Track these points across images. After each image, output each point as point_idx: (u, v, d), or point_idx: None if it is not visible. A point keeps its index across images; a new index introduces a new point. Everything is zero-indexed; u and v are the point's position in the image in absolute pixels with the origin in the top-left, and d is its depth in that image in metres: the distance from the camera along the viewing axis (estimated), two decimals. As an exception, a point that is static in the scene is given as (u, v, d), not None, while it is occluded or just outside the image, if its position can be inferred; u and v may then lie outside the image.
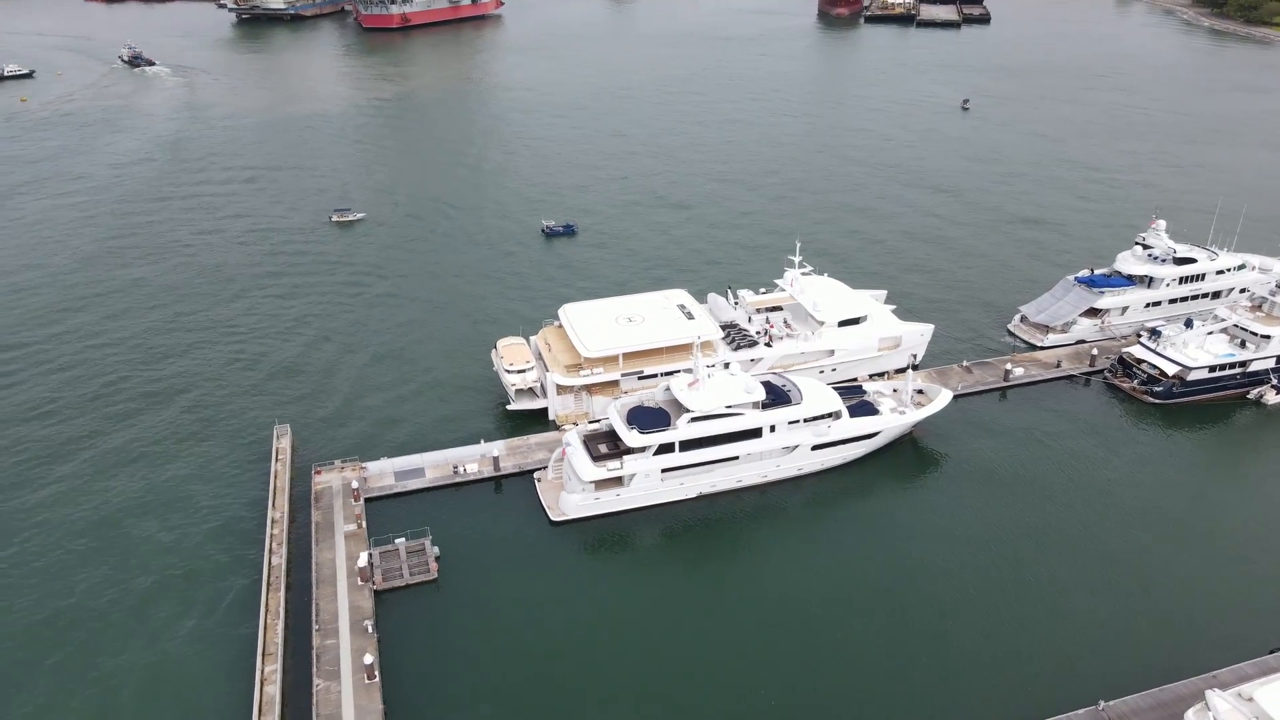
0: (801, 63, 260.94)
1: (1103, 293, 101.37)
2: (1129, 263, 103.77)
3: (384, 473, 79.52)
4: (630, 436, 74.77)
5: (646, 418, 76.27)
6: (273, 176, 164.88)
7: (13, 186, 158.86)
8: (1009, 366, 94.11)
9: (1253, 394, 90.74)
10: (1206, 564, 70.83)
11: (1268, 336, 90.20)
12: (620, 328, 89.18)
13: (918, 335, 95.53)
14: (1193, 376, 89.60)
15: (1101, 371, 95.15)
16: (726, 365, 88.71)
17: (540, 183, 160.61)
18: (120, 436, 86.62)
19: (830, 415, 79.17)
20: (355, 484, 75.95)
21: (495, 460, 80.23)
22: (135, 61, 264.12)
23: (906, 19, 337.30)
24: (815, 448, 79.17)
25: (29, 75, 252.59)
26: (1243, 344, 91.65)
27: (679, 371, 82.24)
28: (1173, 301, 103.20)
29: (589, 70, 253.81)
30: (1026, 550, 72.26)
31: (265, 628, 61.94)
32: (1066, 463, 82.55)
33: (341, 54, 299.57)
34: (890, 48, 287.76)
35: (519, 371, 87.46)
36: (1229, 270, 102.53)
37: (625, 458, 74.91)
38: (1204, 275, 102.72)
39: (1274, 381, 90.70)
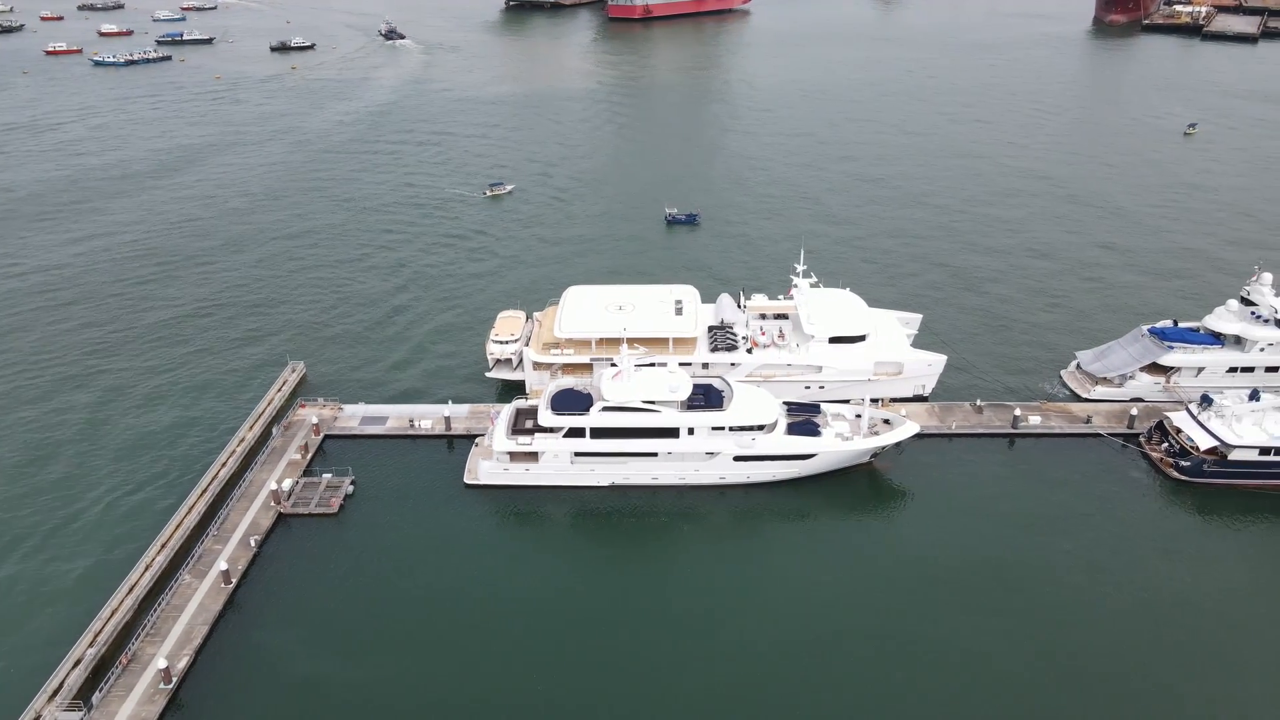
0: (1043, 76, 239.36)
1: (1173, 348, 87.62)
2: (1220, 319, 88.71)
3: (354, 416, 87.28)
4: (545, 416, 76.80)
5: (568, 400, 77.81)
6: (455, 147, 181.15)
7: (242, 138, 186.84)
8: (1018, 413, 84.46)
9: (1314, 490, 75.18)
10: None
11: (1349, 425, 74.25)
12: (606, 314, 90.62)
13: (924, 365, 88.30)
14: (1236, 456, 75.68)
15: (1138, 435, 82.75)
16: (706, 365, 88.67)
17: (700, 174, 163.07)
18: (192, 345, 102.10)
19: (757, 427, 76.18)
20: (315, 420, 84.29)
21: (447, 420, 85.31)
22: (390, 35, 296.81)
23: (1192, 30, 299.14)
24: (739, 459, 76.53)
25: (310, 47, 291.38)
26: (1314, 429, 76.08)
27: (654, 363, 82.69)
28: (1271, 370, 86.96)
29: (814, 71, 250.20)
30: (931, 613, 65.30)
31: (176, 524, 71.26)
32: (1036, 528, 73.03)
33: (580, 41, 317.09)
34: (1160, 63, 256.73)
35: (501, 343, 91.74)
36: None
37: (537, 435, 77.06)
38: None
39: (1345, 480, 74.53)
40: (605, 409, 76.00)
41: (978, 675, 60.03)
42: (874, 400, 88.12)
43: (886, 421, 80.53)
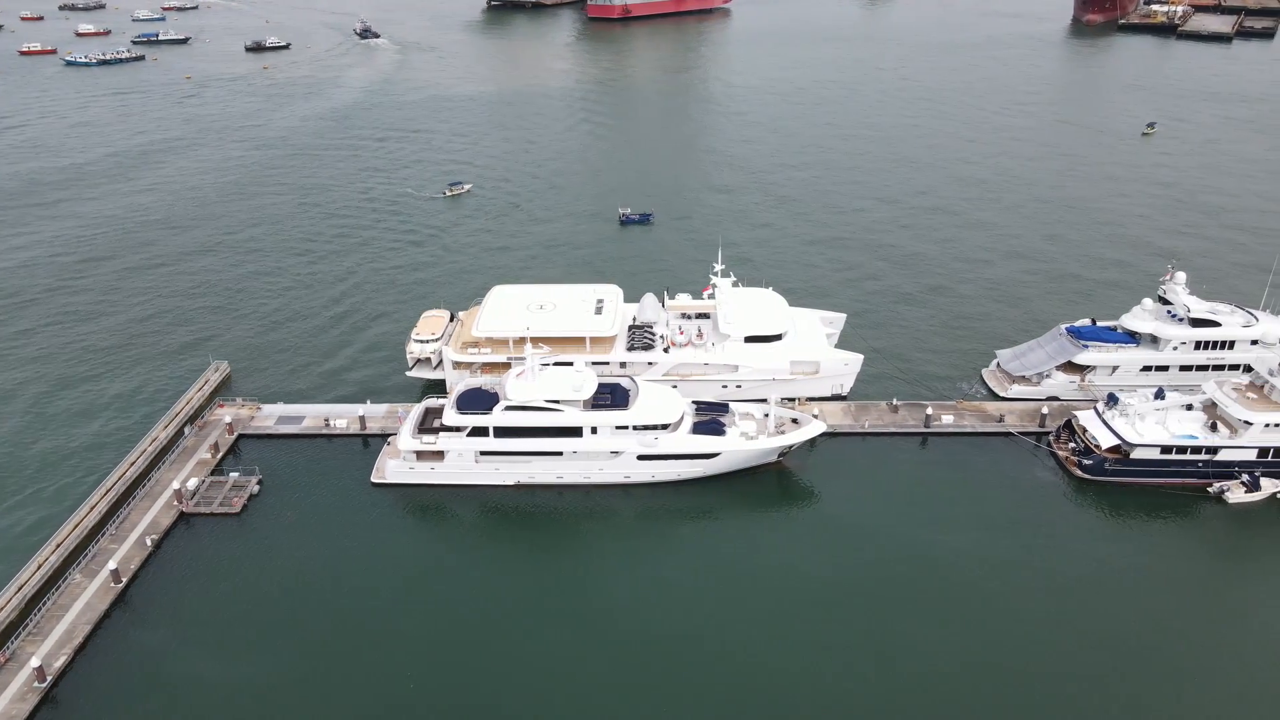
0: (1012, 76, 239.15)
1: (1087, 347, 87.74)
2: (1136, 318, 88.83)
3: (271, 415, 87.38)
4: (449, 415, 76.95)
5: (474, 400, 77.95)
6: (419, 147, 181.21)
7: (201, 138, 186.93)
8: (930, 411, 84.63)
9: (1214, 488, 75.11)
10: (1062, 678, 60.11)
11: (1248, 423, 74.29)
12: (526, 314, 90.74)
13: (840, 364, 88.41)
14: (1138, 455, 75.80)
15: (1048, 434, 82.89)
16: (624, 364, 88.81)
17: (664, 174, 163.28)
18: (120, 345, 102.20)
19: (660, 426, 76.32)
20: (229, 419, 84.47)
21: (362, 420, 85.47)
22: (365, 35, 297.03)
23: (1167, 29, 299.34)
24: (643, 458, 76.67)
25: (285, 47, 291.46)
26: (1214, 427, 76.20)
27: (560, 363, 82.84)
28: (1185, 369, 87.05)
29: (791, 70, 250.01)
30: (824, 607, 65.48)
31: (75, 524, 71.34)
32: (939, 525, 72.94)
33: (558, 42, 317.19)
34: (1129, 62, 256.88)
35: (421, 342, 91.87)
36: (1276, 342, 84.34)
37: (441, 434, 77.23)
38: (1231, 343, 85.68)
39: (1244, 478, 74.51)
40: (508, 408, 76.15)
41: (880, 670, 60.19)
42: (790, 399, 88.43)
43: (795, 421, 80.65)
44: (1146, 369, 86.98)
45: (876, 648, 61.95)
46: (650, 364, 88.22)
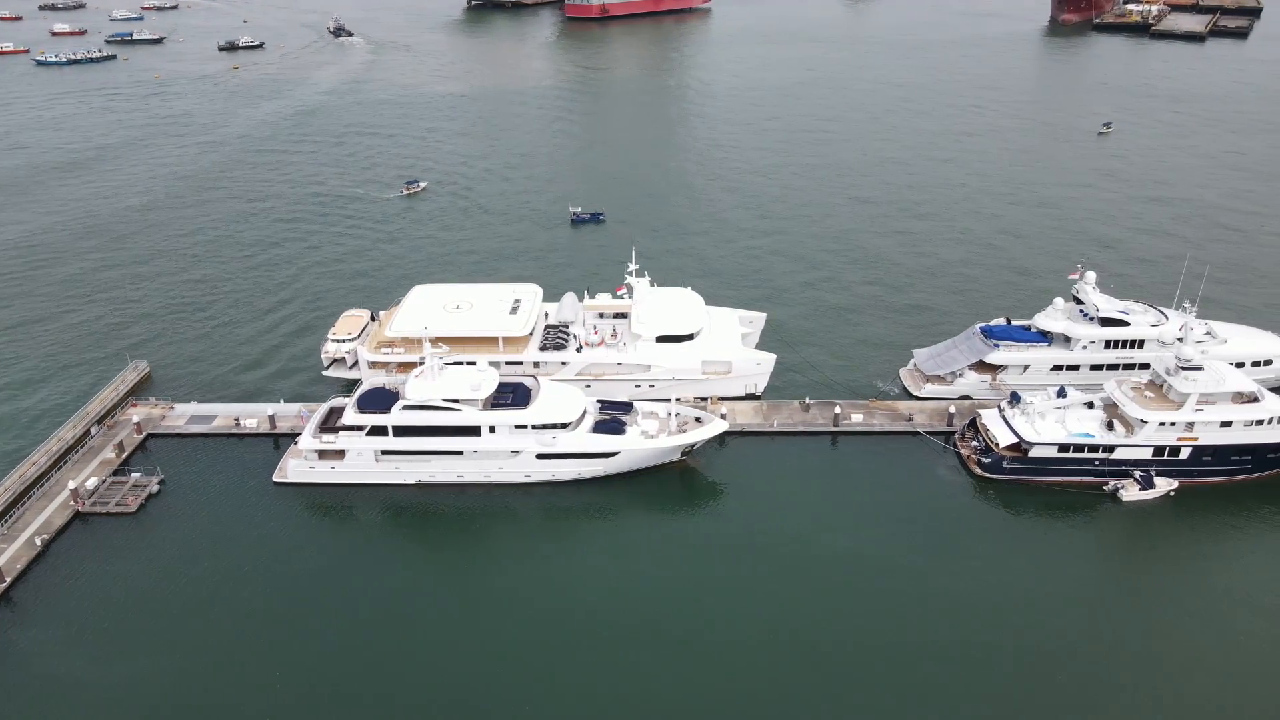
0: (981, 75, 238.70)
1: (998, 346, 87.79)
2: (1048, 317, 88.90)
3: (183, 415, 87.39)
4: (349, 414, 77.05)
5: (375, 399, 78.00)
6: (380, 146, 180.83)
7: (159, 137, 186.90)
8: (838, 410, 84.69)
9: (1109, 486, 75.15)
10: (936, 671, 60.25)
11: (1143, 422, 74.35)
12: (442, 314, 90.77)
13: (753, 364, 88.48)
14: (1036, 453, 75.88)
15: (954, 433, 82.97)
16: (537, 364, 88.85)
17: (622, 172, 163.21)
18: (42, 343, 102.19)
19: (559, 426, 76.37)
20: (137, 419, 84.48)
21: (272, 419, 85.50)
22: (338, 33, 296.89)
23: (1140, 28, 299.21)
24: (542, 456, 76.74)
25: (259, 46, 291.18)
26: (1112, 425, 76.29)
27: (462, 362, 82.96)
28: (1096, 368, 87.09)
29: (768, 71, 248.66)
30: (711, 604, 65.61)
31: (-30, 523, 71.49)
32: (834, 524, 72.90)
33: (535, 41, 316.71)
34: (1099, 62, 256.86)
35: (338, 341, 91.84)
36: (1189, 341, 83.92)
37: (341, 433, 77.29)
38: (1140, 342, 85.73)
39: (1137, 475, 74.55)
40: (406, 407, 76.21)
41: (777, 666, 60.40)
42: (703, 399, 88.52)
43: (699, 420, 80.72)
44: (1057, 368, 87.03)
45: (763, 645, 61.95)
46: (563, 364, 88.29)
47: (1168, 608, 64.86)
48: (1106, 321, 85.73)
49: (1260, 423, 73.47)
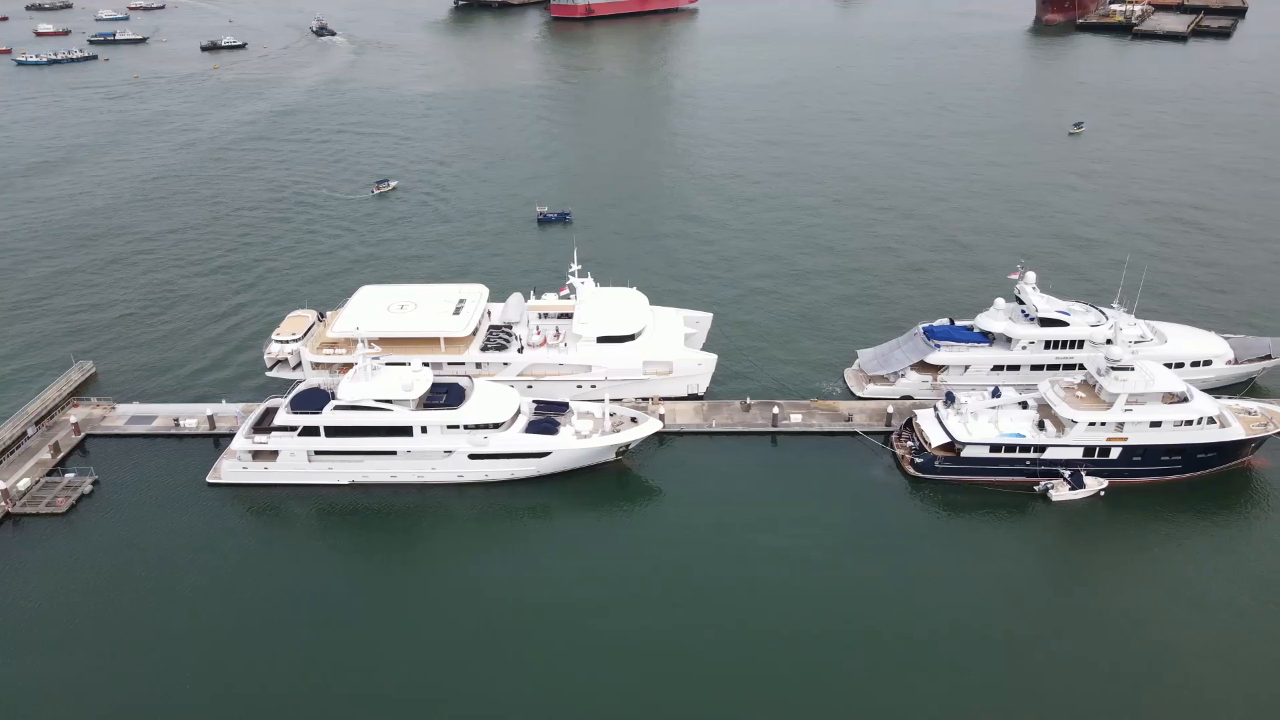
0: (960, 75, 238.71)
1: (939, 347, 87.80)
2: (989, 317, 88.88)
3: (123, 415, 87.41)
4: (281, 414, 77.08)
5: (309, 400, 78.01)
6: (354, 146, 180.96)
7: (131, 138, 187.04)
8: (776, 411, 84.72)
9: (1039, 486, 75.18)
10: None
11: (1074, 422, 74.38)
12: (385, 314, 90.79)
13: (694, 364, 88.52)
14: (968, 453, 75.92)
15: (891, 433, 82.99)
16: (480, 365, 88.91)
17: (595, 172, 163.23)
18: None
19: (491, 426, 76.40)
20: (75, 420, 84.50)
21: (211, 419, 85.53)
22: (321, 32, 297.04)
23: (1123, 28, 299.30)
24: (474, 456, 76.77)
25: (241, 46, 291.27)
26: (1042, 425, 76.33)
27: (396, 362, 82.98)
28: (1037, 368, 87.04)
29: (745, 71, 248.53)
30: (637, 604, 65.66)
31: (-103, 523, 71.49)
32: (763, 523, 72.72)
33: (519, 42, 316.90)
34: (1079, 62, 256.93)
35: (281, 342, 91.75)
36: (1119, 341, 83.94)
37: (273, 434, 77.30)
38: (1080, 342, 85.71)
39: (1067, 475, 74.55)
40: (337, 408, 76.24)
41: (707, 662, 60.48)
42: (644, 399, 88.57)
43: (635, 420, 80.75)
44: (997, 368, 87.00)
45: (693, 642, 62.00)
46: (505, 364, 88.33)
47: (1090, 606, 64.79)
48: (1046, 322, 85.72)
49: (1190, 423, 73.44)
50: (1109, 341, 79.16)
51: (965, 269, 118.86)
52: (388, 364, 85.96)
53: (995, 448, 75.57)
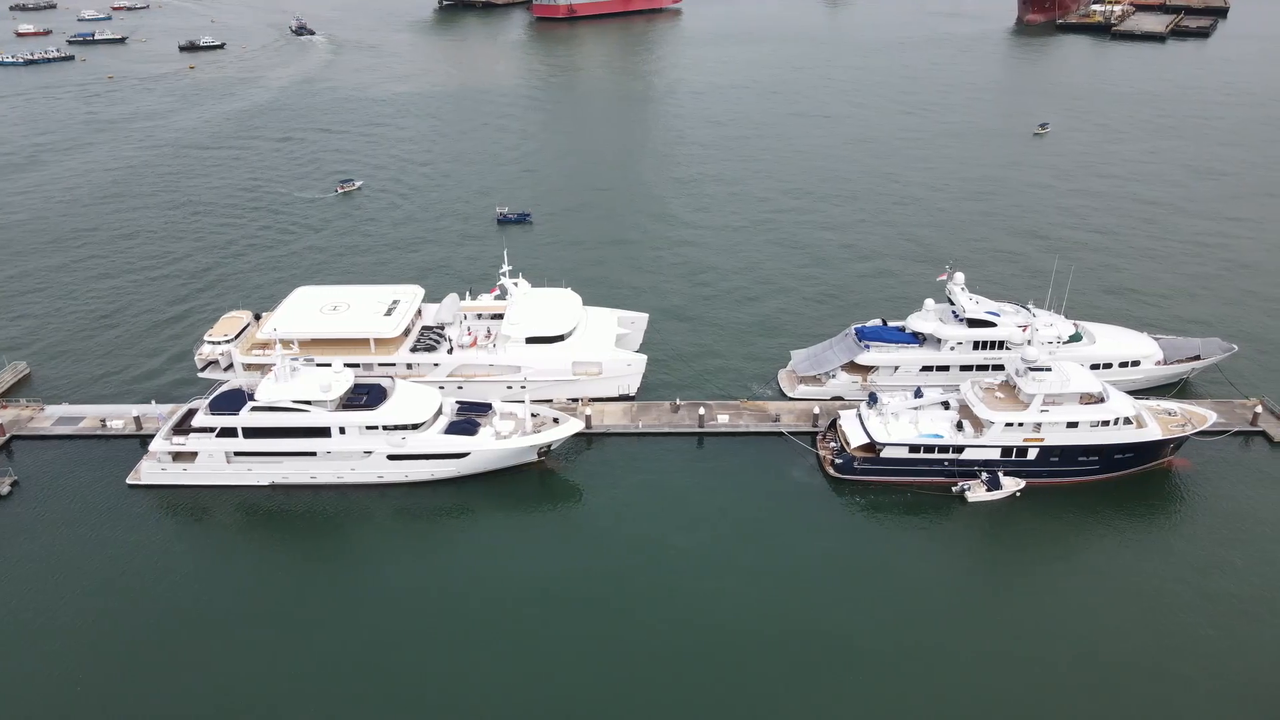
0: (938, 75, 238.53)
1: (869, 347, 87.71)
2: (920, 318, 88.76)
3: (51, 416, 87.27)
4: (200, 416, 76.99)
5: (228, 401, 77.90)
6: (321, 145, 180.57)
7: (96, 138, 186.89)
8: (702, 411, 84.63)
9: (957, 486, 75.08)
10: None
11: (991, 422, 74.31)
12: (317, 315, 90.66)
13: (624, 365, 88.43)
14: (887, 453, 75.84)
15: (816, 434, 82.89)
16: (410, 366, 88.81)
17: (561, 173, 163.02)
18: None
19: (410, 426, 76.31)
20: (1, 420, 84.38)
21: (138, 420, 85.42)
22: (300, 32, 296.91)
23: (1102, 29, 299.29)
24: (393, 457, 76.69)
25: (220, 46, 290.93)
26: (961, 426, 76.24)
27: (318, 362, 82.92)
28: (966, 369, 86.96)
29: (726, 71, 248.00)
30: (550, 608, 65.41)
31: None
32: (683, 523, 72.71)
33: (501, 42, 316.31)
34: (1055, 62, 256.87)
35: (213, 343, 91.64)
36: (1053, 341, 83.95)
37: (192, 435, 77.20)
38: (1004, 343, 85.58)
39: (983, 476, 74.45)
40: (255, 409, 76.12)
41: (621, 661, 60.64)
42: (574, 399, 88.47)
43: (557, 420, 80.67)
44: (927, 369, 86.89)
45: (609, 641, 62.23)
46: (435, 365, 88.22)
47: (1004, 603, 64.83)
48: (974, 323, 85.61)
49: (1106, 423, 73.33)
50: (1027, 343, 78.99)
51: (922, 268, 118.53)
52: (318, 364, 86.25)
53: (914, 448, 75.47)
